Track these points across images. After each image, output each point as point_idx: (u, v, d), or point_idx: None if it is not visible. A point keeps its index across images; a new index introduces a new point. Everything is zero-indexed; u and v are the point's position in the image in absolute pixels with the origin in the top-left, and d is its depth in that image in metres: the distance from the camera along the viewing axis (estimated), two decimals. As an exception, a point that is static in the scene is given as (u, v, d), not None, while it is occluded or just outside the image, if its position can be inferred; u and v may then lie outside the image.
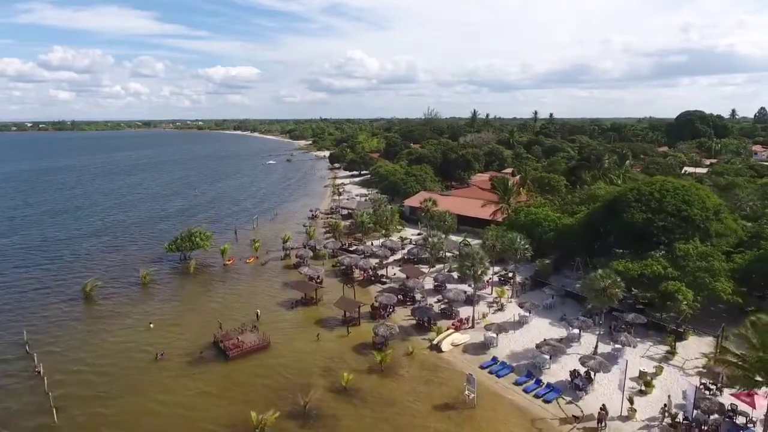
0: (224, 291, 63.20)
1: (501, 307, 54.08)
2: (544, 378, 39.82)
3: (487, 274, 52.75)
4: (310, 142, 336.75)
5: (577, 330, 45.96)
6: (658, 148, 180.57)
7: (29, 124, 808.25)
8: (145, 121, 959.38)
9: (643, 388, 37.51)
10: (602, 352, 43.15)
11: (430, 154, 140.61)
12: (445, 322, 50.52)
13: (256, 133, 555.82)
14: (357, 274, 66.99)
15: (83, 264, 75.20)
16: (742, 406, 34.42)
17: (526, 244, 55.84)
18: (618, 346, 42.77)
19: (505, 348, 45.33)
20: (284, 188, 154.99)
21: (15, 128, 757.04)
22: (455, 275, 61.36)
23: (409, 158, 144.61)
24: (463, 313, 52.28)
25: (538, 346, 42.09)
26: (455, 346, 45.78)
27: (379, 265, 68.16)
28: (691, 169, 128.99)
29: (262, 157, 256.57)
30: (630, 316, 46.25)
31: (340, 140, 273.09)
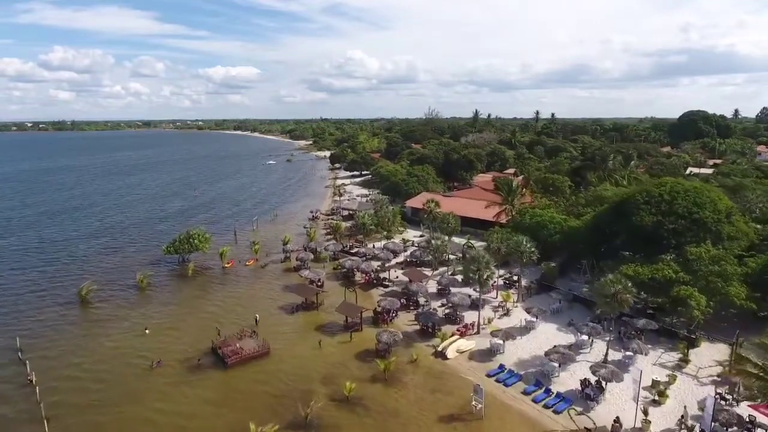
0: (223, 294, 61.95)
1: (507, 311, 52.80)
2: (554, 387, 38.51)
3: (493, 278, 51.37)
4: (311, 142, 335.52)
5: (586, 336, 44.66)
6: (661, 148, 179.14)
7: (29, 124, 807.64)
8: (145, 121, 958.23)
9: (656, 398, 36.21)
10: (612, 359, 41.92)
11: (432, 155, 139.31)
12: (450, 328, 49.27)
13: (256, 133, 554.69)
14: (359, 277, 65.71)
15: (80, 266, 74.03)
16: (760, 418, 33.08)
17: (532, 247, 54.56)
18: (629, 354, 41.45)
19: (512, 355, 44.03)
20: (284, 189, 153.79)
21: (15, 128, 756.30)
22: (459, 278, 60.32)
23: (411, 158, 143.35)
24: (468, 317, 51.03)
25: (547, 354, 40.77)
26: (461, 352, 44.47)
27: (381, 268, 66.88)
28: (696, 170, 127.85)
29: (262, 157, 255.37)
30: (641, 322, 44.93)
31: (340, 140, 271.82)
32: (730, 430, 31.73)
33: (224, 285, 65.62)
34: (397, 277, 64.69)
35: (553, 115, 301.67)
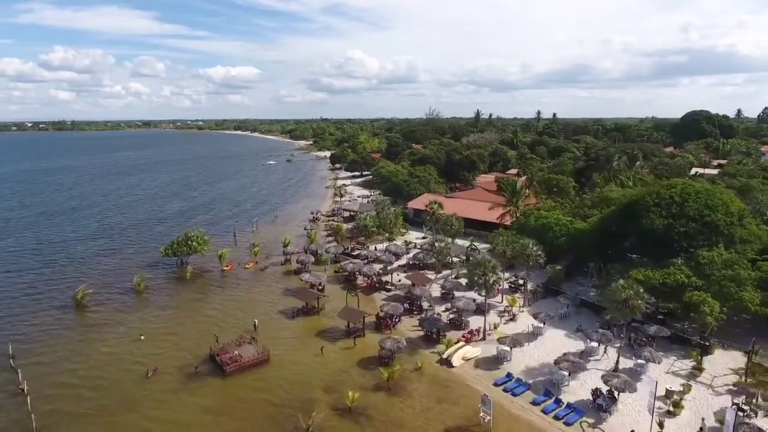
0: (222, 298, 60.64)
1: (513, 317, 51.47)
2: (564, 397, 37.19)
3: (500, 283, 50.01)
4: (311, 143, 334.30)
5: (596, 343, 43.29)
6: (664, 148, 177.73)
7: (29, 124, 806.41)
8: (146, 121, 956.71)
9: (671, 408, 34.90)
10: (624, 367, 40.60)
11: (434, 155, 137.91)
12: (455, 334, 47.94)
13: (257, 133, 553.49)
14: (360, 280, 64.41)
15: (77, 268, 72.81)
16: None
17: (538, 251, 53.25)
18: (641, 362, 40.05)
19: (520, 362, 42.71)
20: (285, 189, 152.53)
21: (15, 128, 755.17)
22: (463, 282, 58.97)
23: (412, 159, 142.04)
24: (473, 323, 49.74)
25: (557, 362, 39.39)
26: (466, 360, 43.16)
27: (384, 271, 65.57)
28: (700, 170, 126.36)
29: (262, 157, 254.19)
30: (653, 328, 43.56)
31: (340, 140, 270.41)
32: (750, 443, 30.45)
33: (223, 288, 64.32)
34: (400, 281, 63.38)
35: (554, 115, 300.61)
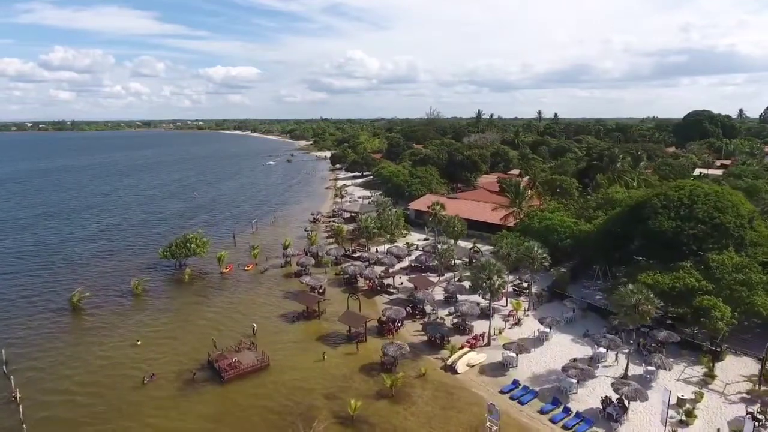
0: (221, 301, 59.60)
1: (518, 321, 50.39)
2: (572, 405, 36.06)
3: (505, 287, 48.91)
4: (311, 143, 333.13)
5: (604, 349, 42.19)
6: (666, 148, 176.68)
7: (29, 124, 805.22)
8: (146, 121, 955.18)
9: (683, 417, 33.80)
10: (633, 374, 39.53)
11: (435, 155, 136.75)
12: (459, 339, 46.84)
13: (257, 134, 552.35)
14: (362, 283, 63.33)
15: (75, 270, 71.83)
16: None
17: (544, 253, 52.16)
18: (651, 368, 38.98)
19: (526, 369, 41.64)
20: (285, 190, 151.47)
21: (15, 128, 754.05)
22: (466, 285, 57.83)
23: (413, 159, 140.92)
24: (478, 327, 48.64)
25: (565, 369, 38.30)
26: (471, 366, 42.06)
27: (385, 274, 64.47)
28: (704, 171, 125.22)
29: (263, 157, 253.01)
30: (662, 334, 42.44)
31: (341, 140, 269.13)
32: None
33: (222, 291, 63.25)
34: (402, 284, 62.31)
35: (555, 115, 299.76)
